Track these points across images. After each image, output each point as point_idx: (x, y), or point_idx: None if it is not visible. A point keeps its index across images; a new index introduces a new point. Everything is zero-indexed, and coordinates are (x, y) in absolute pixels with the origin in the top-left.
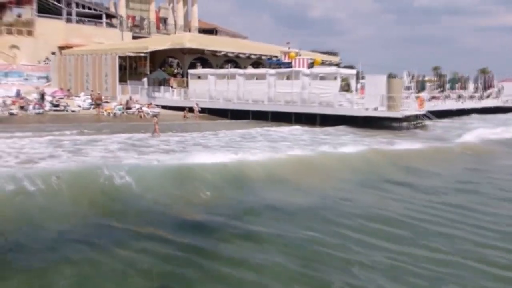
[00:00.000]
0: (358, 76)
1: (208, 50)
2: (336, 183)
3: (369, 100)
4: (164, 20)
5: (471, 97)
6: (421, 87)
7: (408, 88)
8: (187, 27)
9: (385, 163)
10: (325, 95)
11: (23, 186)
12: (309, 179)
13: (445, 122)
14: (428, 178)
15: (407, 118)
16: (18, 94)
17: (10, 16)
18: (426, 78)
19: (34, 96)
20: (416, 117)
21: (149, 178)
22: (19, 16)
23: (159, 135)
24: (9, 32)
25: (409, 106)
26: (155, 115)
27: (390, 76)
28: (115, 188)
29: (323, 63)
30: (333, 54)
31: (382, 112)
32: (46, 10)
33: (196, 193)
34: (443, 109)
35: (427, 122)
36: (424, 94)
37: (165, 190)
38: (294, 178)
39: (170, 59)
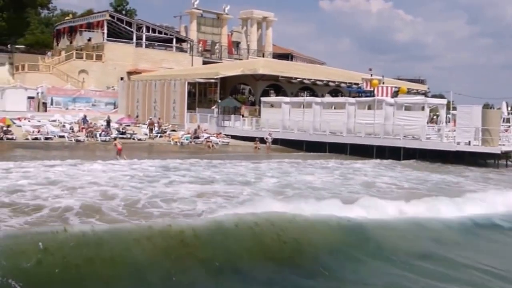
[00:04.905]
0: (449, 107)
1: (282, 77)
2: None
3: (461, 133)
4: (237, 44)
5: None
6: None
7: (507, 120)
8: (260, 52)
9: None
10: (411, 127)
11: None
12: None
13: None
14: None
15: (505, 155)
16: (84, 121)
17: (80, 40)
18: None
19: (101, 123)
20: None
21: None
22: (89, 40)
23: (124, 158)
24: (79, 57)
25: (508, 141)
26: (114, 138)
27: (486, 107)
28: None
29: (409, 92)
30: (420, 82)
31: (476, 147)
32: (117, 34)
33: None
34: None
35: None
36: None
37: None
38: None
39: (241, 86)
